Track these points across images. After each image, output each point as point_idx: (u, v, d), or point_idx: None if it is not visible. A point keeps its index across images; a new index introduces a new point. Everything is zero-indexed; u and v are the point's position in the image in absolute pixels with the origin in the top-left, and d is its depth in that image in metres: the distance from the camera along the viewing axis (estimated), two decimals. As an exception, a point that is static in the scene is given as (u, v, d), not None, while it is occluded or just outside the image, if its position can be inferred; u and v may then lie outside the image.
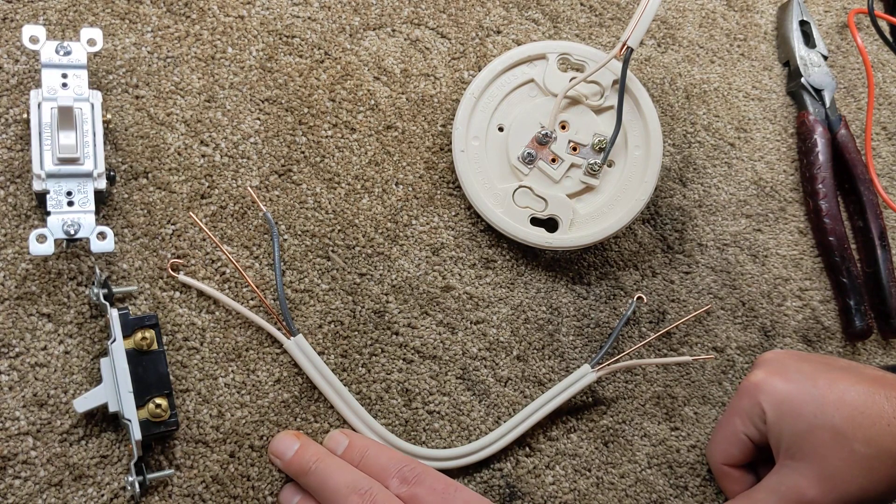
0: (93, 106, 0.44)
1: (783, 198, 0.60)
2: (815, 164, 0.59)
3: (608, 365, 0.51)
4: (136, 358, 0.41)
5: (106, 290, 0.43)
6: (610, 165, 0.53)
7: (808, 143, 0.60)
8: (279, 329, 0.46)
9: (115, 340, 0.41)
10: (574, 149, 0.52)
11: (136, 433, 0.40)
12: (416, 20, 0.55)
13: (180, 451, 0.43)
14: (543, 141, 0.51)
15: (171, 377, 0.44)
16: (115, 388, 0.40)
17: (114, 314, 0.41)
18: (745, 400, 0.47)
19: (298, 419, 0.46)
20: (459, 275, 0.51)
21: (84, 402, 0.40)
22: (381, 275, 0.50)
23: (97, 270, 0.43)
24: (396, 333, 0.49)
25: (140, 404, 0.40)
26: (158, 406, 0.40)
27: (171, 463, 0.43)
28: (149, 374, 0.41)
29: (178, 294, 0.46)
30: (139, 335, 0.41)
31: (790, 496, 0.42)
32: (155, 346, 0.41)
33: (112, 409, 0.40)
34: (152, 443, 0.43)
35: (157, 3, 0.50)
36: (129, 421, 0.40)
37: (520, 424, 0.49)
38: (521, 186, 0.52)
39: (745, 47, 0.63)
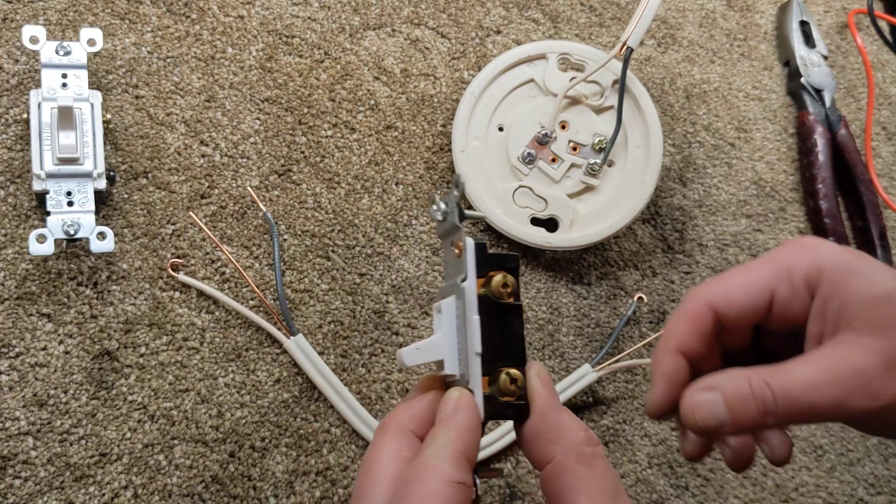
0: (93, 106, 0.44)
1: (783, 198, 0.60)
2: (815, 164, 0.59)
3: (608, 365, 0.51)
4: (488, 310, 0.30)
5: (458, 209, 0.31)
6: (610, 165, 0.53)
7: (808, 143, 0.60)
8: (279, 329, 0.46)
9: (465, 278, 0.30)
10: (574, 149, 0.52)
11: (479, 411, 0.29)
12: (416, 20, 0.55)
13: (179, 451, 0.43)
14: (543, 141, 0.51)
15: (172, 377, 0.44)
16: (456, 345, 0.30)
17: (469, 243, 0.30)
18: (793, 253, 0.33)
19: (298, 419, 0.46)
20: (459, 275, 0.51)
21: (414, 355, 0.30)
22: (381, 275, 0.50)
23: (460, 178, 0.31)
24: (396, 333, 0.49)
25: (487, 372, 0.30)
26: (514, 381, 0.29)
27: (171, 463, 0.43)
28: (502, 334, 0.30)
29: (178, 294, 0.46)
30: (499, 279, 0.30)
31: (847, 373, 0.30)
32: (512, 300, 0.30)
33: (449, 370, 0.30)
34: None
35: (157, 3, 0.50)
36: (472, 391, 0.29)
37: (520, 424, 0.49)
38: (521, 186, 0.52)
39: (745, 47, 0.63)
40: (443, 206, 0.31)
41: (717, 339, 0.34)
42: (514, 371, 0.29)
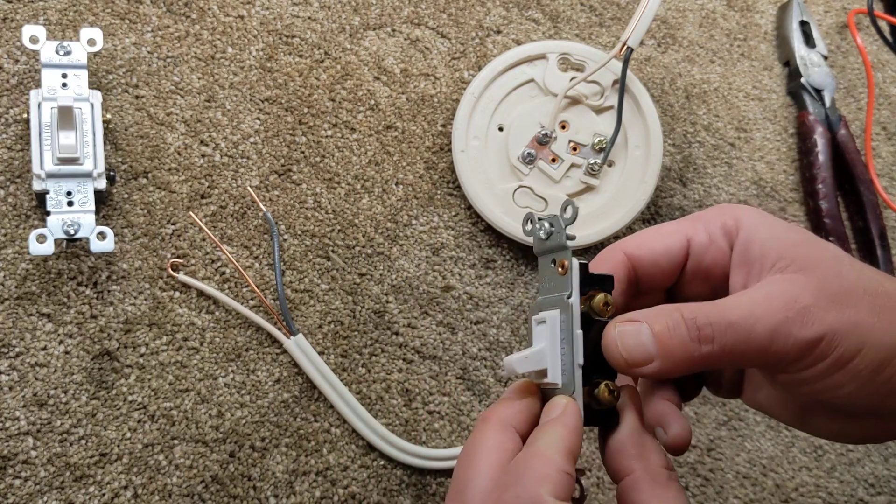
0: (93, 106, 0.44)
1: (783, 198, 0.60)
2: (815, 164, 0.59)
3: (608, 365, 0.51)
4: (588, 326, 0.31)
5: (566, 231, 0.33)
6: (610, 165, 0.53)
7: (808, 143, 0.60)
8: (279, 329, 0.46)
9: (570, 295, 0.32)
10: (574, 149, 0.52)
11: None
12: (416, 20, 0.55)
13: (179, 451, 0.43)
14: (543, 141, 0.51)
15: (172, 377, 0.44)
16: (560, 356, 0.32)
17: (575, 263, 0.32)
18: (710, 210, 0.34)
19: (298, 419, 0.46)
20: (459, 275, 0.51)
21: (523, 363, 0.32)
22: (381, 275, 0.50)
23: (574, 203, 0.33)
24: (396, 333, 0.49)
25: (584, 383, 0.31)
26: (612, 392, 0.31)
27: (171, 463, 0.43)
28: (598, 349, 0.31)
29: (178, 294, 0.46)
30: (600, 297, 0.31)
31: (783, 301, 0.30)
32: (607, 318, 0.32)
33: (552, 378, 0.32)
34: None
35: (157, 3, 0.50)
36: (574, 399, 0.31)
37: (520, 424, 0.49)
38: (521, 186, 0.52)
39: (745, 47, 0.63)
40: (547, 225, 0.33)
41: (628, 294, 0.34)
42: (611, 383, 0.31)
